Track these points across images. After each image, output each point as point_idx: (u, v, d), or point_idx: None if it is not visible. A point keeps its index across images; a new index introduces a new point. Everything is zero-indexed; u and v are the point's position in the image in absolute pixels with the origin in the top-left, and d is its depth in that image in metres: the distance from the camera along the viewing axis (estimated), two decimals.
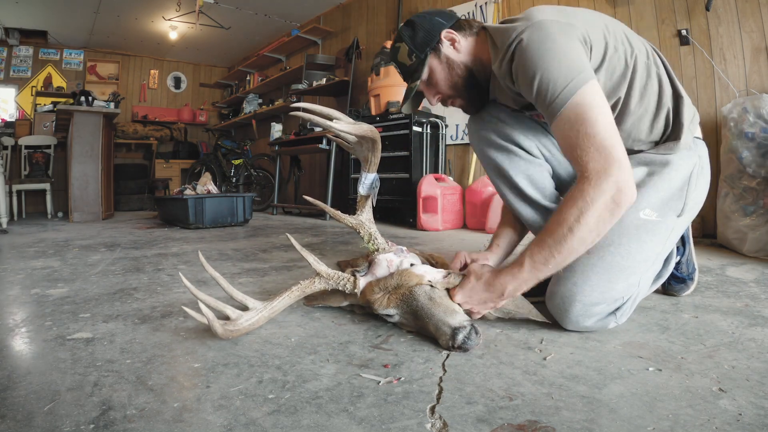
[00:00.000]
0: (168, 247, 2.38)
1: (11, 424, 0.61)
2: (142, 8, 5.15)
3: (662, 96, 1.01)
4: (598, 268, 0.94)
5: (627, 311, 0.99)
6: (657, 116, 1.02)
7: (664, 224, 0.98)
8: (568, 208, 0.84)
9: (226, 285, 0.97)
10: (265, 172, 5.44)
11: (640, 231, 0.96)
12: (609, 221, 0.84)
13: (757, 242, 1.91)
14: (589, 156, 0.83)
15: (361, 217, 1.16)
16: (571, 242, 0.84)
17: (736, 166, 2.03)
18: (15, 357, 0.88)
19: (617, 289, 0.94)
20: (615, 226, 0.88)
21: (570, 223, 0.83)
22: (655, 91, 1.00)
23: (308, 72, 4.92)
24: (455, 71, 1.07)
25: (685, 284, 1.25)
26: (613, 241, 0.94)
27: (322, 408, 0.66)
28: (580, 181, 0.85)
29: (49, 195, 4.73)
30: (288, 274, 1.66)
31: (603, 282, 0.93)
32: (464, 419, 0.62)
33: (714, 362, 0.80)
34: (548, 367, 0.79)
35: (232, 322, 0.91)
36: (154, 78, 7.07)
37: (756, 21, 2.28)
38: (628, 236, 0.95)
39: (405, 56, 1.10)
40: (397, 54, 1.12)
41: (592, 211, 0.82)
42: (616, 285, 0.94)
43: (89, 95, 4.12)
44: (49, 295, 1.35)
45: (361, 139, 1.13)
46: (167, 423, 0.61)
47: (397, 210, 3.57)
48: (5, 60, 5.80)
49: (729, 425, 0.59)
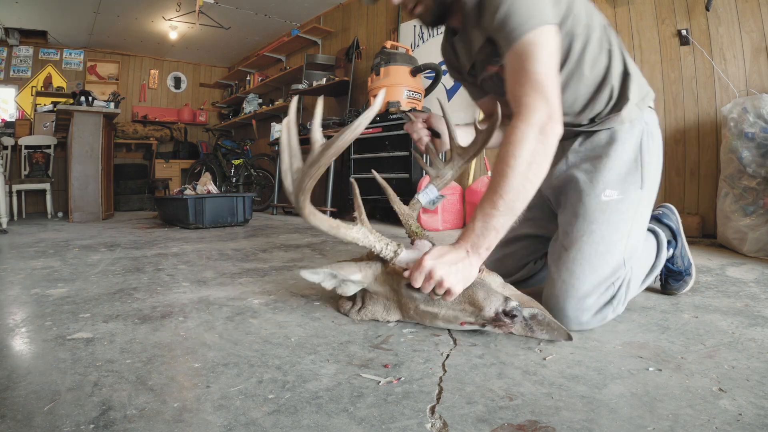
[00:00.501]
0: (168, 247, 2.38)
1: (11, 424, 0.61)
2: (142, 8, 5.15)
3: (610, 71, 1.02)
4: (579, 260, 0.97)
5: (622, 299, 1.00)
6: (601, 89, 1.03)
7: (628, 200, 1.01)
8: (504, 146, 0.88)
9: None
10: (265, 172, 5.44)
11: (606, 213, 0.99)
12: (543, 152, 0.87)
13: (757, 242, 1.91)
14: (524, 91, 0.88)
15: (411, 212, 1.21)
16: (513, 179, 0.86)
17: (736, 166, 2.03)
18: (15, 357, 0.88)
19: (603, 274, 0.97)
20: (582, 217, 0.94)
21: (507, 159, 0.87)
22: (603, 66, 1.02)
23: (308, 72, 4.92)
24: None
25: (683, 281, 1.26)
26: (585, 230, 0.98)
27: (322, 408, 0.66)
28: (514, 117, 0.89)
29: (49, 195, 4.73)
30: (288, 274, 1.66)
31: (587, 272, 0.96)
32: (464, 419, 0.62)
33: (714, 362, 0.80)
34: (548, 367, 0.79)
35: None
36: (154, 78, 7.06)
37: (756, 21, 2.28)
38: (597, 222, 0.99)
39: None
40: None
41: (525, 144, 0.86)
42: (600, 270, 0.97)
43: (89, 95, 4.12)
44: (49, 295, 1.35)
45: (463, 152, 1.14)
46: (167, 423, 0.61)
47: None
48: (5, 60, 5.80)
49: (729, 425, 0.59)
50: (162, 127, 6.78)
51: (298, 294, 1.35)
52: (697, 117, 2.49)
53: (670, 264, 1.25)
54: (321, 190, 5.23)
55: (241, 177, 5.55)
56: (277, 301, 1.27)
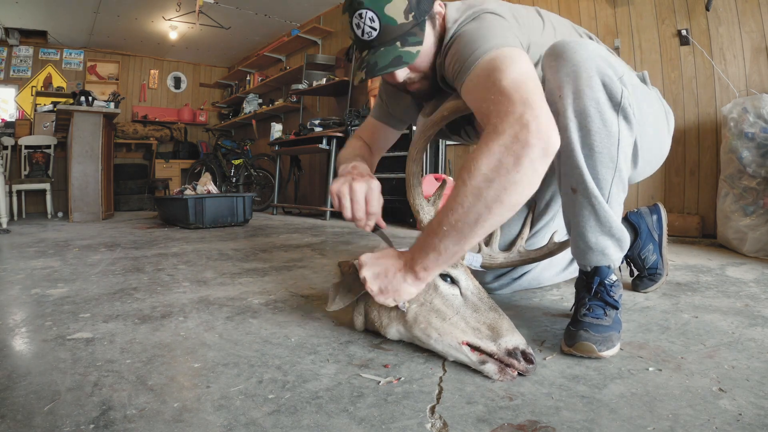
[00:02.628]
0: (168, 247, 2.38)
1: (11, 424, 0.61)
2: (142, 8, 5.15)
3: None
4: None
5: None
6: None
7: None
8: (466, 160, 0.73)
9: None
10: (265, 172, 5.44)
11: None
12: (514, 169, 0.68)
13: (757, 242, 1.91)
14: (492, 102, 0.72)
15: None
16: (461, 196, 0.72)
17: (736, 166, 2.03)
18: (15, 357, 0.88)
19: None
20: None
21: (461, 173, 0.72)
22: None
23: (308, 72, 4.92)
24: (434, 48, 0.93)
25: (652, 281, 1.30)
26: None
27: (322, 408, 0.66)
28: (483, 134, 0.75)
29: (49, 195, 4.73)
30: (288, 273, 1.66)
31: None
32: (464, 419, 0.62)
33: (714, 362, 0.79)
34: (548, 367, 0.79)
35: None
36: (154, 78, 7.07)
37: (756, 21, 2.28)
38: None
39: (398, 11, 0.85)
40: (380, 4, 0.84)
41: (484, 156, 0.69)
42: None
43: (89, 95, 4.12)
44: (49, 295, 1.35)
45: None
46: (167, 423, 0.61)
47: (397, 210, 3.57)
48: (5, 60, 5.80)
49: (729, 425, 0.59)
50: (162, 127, 6.78)
51: (298, 294, 1.35)
52: (697, 117, 2.49)
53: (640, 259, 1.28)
54: (321, 191, 5.23)
55: (241, 177, 5.55)
56: (277, 301, 1.27)
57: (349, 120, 3.96)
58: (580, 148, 0.83)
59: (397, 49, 0.87)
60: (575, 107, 0.81)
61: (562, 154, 0.84)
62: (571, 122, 0.82)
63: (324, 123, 4.30)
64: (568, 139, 0.82)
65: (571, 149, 0.83)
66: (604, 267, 0.91)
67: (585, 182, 0.84)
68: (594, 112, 0.81)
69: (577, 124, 0.82)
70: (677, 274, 1.54)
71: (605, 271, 0.91)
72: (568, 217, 0.92)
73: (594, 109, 0.80)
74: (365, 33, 0.87)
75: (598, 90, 0.80)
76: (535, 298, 1.27)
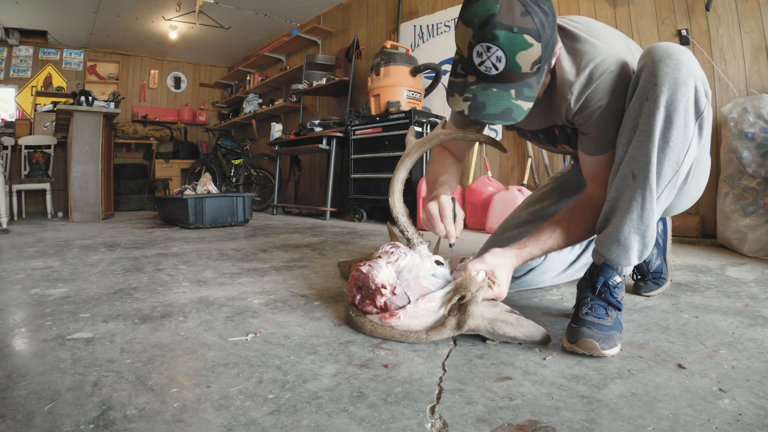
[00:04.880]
0: (168, 247, 2.38)
1: (11, 424, 0.61)
2: (142, 8, 5.15)
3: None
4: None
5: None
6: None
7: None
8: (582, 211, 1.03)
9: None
10: (265, 172, 5.44)
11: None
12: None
13: (757, 242, 1.91)
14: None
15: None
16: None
17: (736, 166, 2.03)
18: (15, 357, 0.88)
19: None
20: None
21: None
22: None
23: (308, 72, 4.92)
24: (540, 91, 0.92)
25: (656, 285, 1.29)
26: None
27: (322, 408, 0.66)
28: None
29: (49, 195, 4.73)
30: (288, 273, 1.66)
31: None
32: (464, 419, 0.62)
33: (714, 362, 0.80)
34: (548, 367, 0.79)
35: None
36: (154, 78, 7.07)
37: (756, 21, 2.28)
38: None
39: (528, 61, 0.80)
40: (515, 48, 0.78)
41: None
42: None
43: (89, 95, 4.12)
44: (49, 295, 1.34)
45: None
46: (167, 423, 0.61)
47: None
48: (5, 60, 5.80)
49: (729, 425, 0.59)
50: (162, 127, 6.78)
51: (298, 294, 1.35)
52: None
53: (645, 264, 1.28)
54: (321, 191, 5.23)
55: (241, 177, 5.55)
56: (277, 301, 1.27)
57: (349, 120, 3.96)
58: (658, 138, 0.85)
59: (510, 100, 0.84)
60: (668, 98, 0.84)
61: (639, 135, 0.87)
62: (660, 110, 0.84)
63: (324, 123, 4.30)
64: (650, 125, 0.85)
65: (650, 134, 0.85)
66: (610, 269, 0.94)
67: (648, 172, 0.86)
68: (682, 109, 0.84)
69: (664, 113, 0.84)
70: (677, 274, 1.54)
71: (610, 272, 0.94)
72: (613, 202, 0.93)
73: (683, 106, 0.84)
74: (484, 66, 0.81)
75: (691, 92, 0.84)
76: (535, 298, 1.27)
